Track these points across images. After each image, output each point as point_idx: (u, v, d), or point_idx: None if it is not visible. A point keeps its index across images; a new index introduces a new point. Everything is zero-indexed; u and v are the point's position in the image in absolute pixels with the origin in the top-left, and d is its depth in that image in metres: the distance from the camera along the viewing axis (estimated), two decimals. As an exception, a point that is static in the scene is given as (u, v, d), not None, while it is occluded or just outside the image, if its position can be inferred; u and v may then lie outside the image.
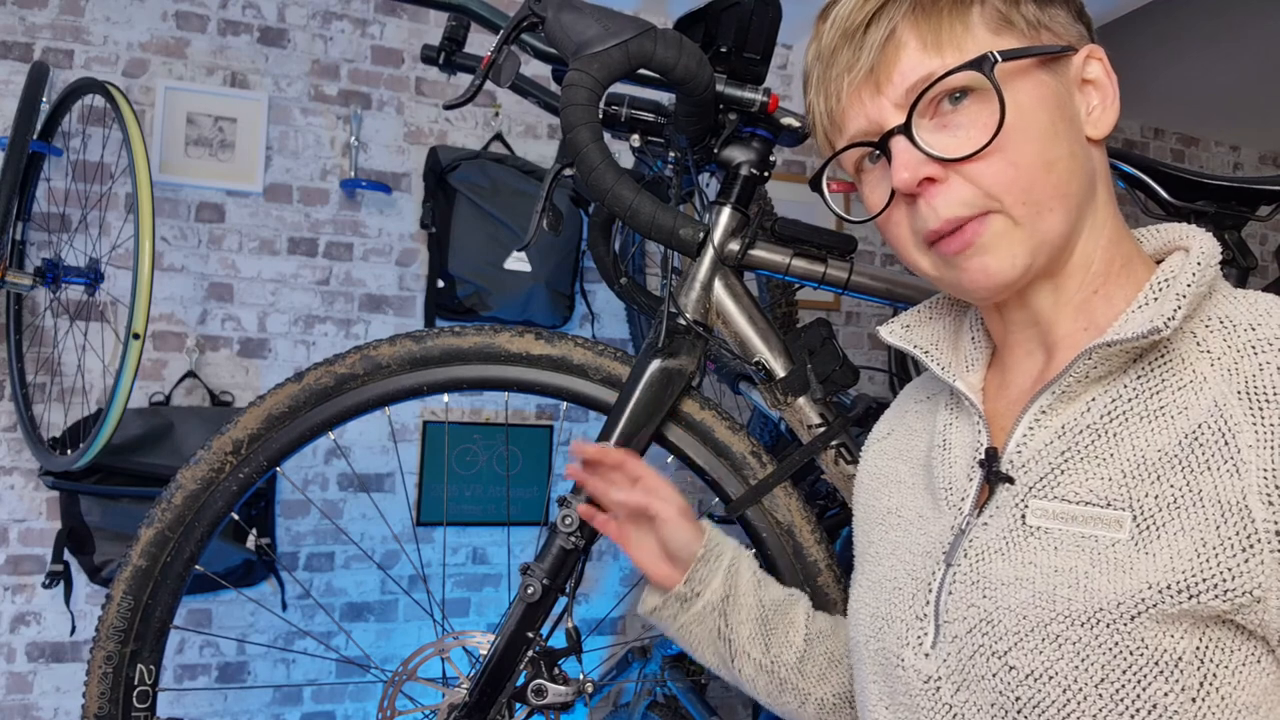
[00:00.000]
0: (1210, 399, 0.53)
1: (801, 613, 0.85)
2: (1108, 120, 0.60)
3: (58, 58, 1.98)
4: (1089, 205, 0.60)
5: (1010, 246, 0.58)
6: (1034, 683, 0.54)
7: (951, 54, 0.58)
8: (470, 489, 2.26)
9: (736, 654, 0.83)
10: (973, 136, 0.57)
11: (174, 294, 2.06)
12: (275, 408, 0.98)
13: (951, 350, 0.70)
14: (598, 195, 0.87)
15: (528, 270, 2.16)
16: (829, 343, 0.99)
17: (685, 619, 0.84)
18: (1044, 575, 0.55)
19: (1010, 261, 0.58)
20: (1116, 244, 0.61)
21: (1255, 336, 0.53)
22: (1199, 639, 0.50)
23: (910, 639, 0.62)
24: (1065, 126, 0.59)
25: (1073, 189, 0.58)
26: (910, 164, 0.58)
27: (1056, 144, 0.58)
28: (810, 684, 0.82)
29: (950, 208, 0.58)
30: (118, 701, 0.96)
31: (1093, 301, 0.61)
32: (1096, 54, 0.61)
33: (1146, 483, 0.53)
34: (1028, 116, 0.57)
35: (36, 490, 1.94)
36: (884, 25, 0.59)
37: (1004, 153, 0.57)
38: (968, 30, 0.58)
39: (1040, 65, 0.59)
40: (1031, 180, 0.57)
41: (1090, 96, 0.61)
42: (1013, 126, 0.56)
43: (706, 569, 0.83)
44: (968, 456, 0.64)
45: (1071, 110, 0.59)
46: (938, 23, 0.58)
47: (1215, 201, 1.06)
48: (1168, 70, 2.80)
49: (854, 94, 0.62)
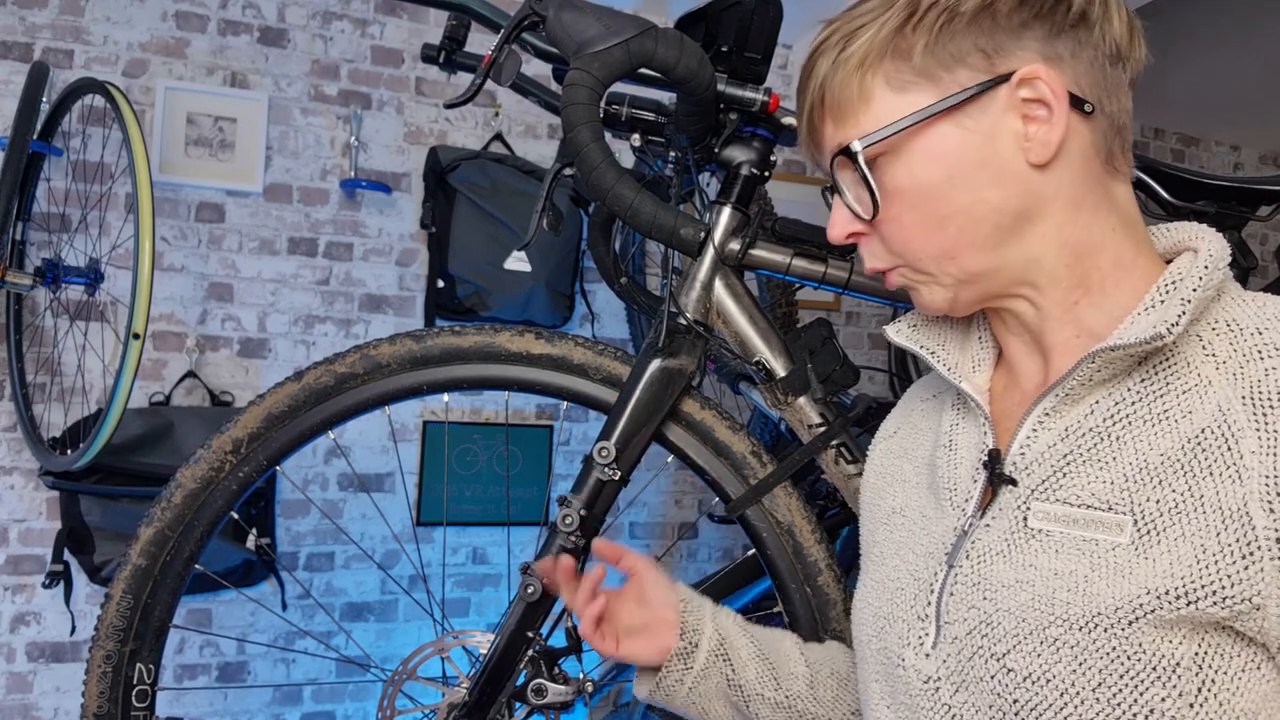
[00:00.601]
0: (1214, 403, 0.52)
1: (792, 644, 0.85)
2: (1050, 141, 0.57)
3: (58, 58, 1.98)
4: (1029, 232, 0.59)
5: (928, 290, 0.64)
6: (1032, 685, 0.54)
7: (852, 128, 0.61)
8: (470, 489, 2.26)
9: (751, 698, 0.81)
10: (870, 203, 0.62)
11: (174, 294, 2.05)
12: (275, 407, 0.98)
13: (958, 350, 0.69)
14: (598, 195, 0.87)
15: (528, 270, 2.16)
16: (829, 342, 0.99)
17: (691, 678, 0.81)
18: (1044, 578, 0.54)
19: (937, 298, 0.64)
20: (1091, 255, 0.60)
21: (1262, 341, 0.53)
22: (1198, 645, 0.50)
23: (911, 639, 0.62)
24: (971, 174, 0.58)
25: (979, 234, 0.59)
26: (838, 222, 0.65)
27: (952, 197, 0.59)
28: (826, 709, 0.81)
29: (871, 260, 0.66)
30: (117, 700, 0.96)
31: (1078, 311, 0.60)
32: (1032, 75, 0.56)
33: (1148, 487, 0.53)
34: (917, 182, 0.60)
35: (36, 490, 1.94)
36: (811, 93, 0.64)
37: (891, 221, 0.62)
38: (867, 103, 0.61)
39: (940, 118, 0.58)
40: (923, 241, 0.61)
41: (1035, 118, 0.57)
42: (896, 196, 0.61)
43: (694, 616, 0.82)
44: (972, 457, 0.64)
45: (986, 153, 0.58)
46: (839, 98, 0.62)
47: (1215, 201, 1.06)
48: (1168, 70, 2.80)
49: (806, 145, 0.68)
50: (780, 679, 0.81)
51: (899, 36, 0.59)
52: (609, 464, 0.94)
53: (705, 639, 0.82)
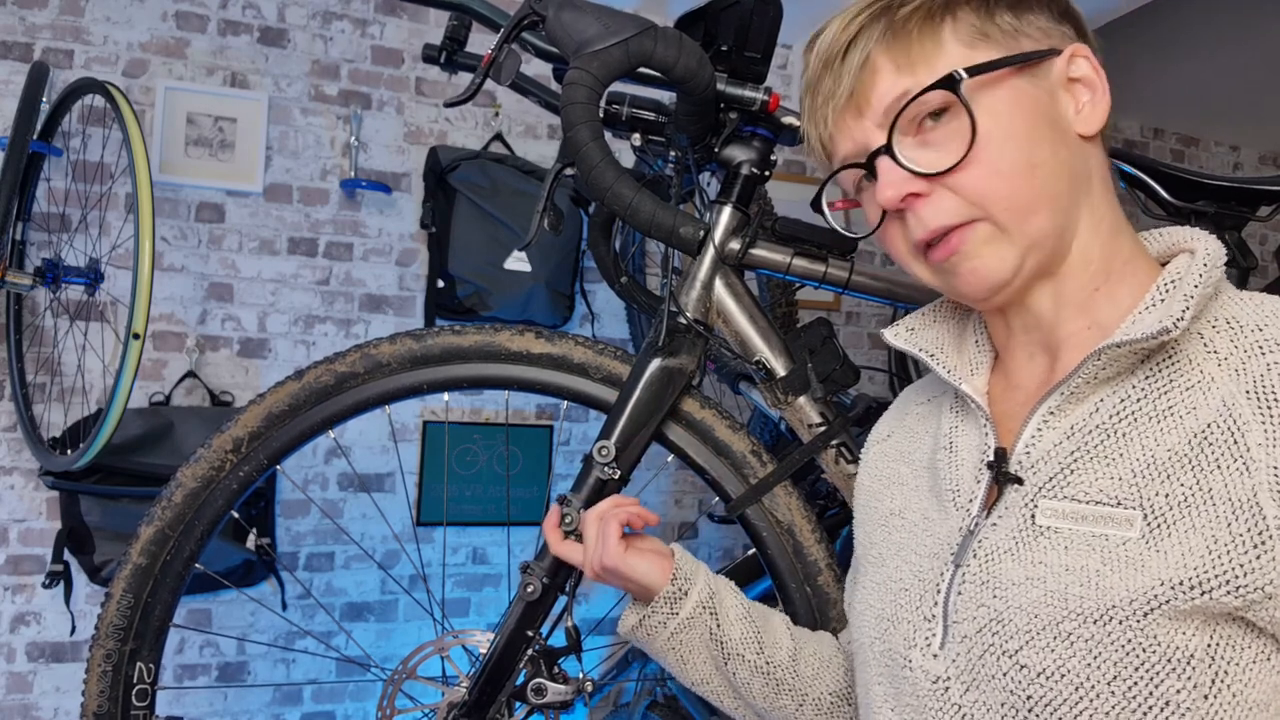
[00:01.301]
0: (1218, 399, 0.53)
1: (780, 619, 0.85)
2: (1098, 115, 0.61)
3: (58, 58, 1.98)
4: (1083, 202, 0.61)
5: (998, 250, 0.60)
6: (1046, 681, 0.54)
7: (924, 72, 0.60)
8: (470, 489, 2.26)
9: (730, 656, 0.81)
10: (951, 151, 0.59)
11: (174, 294, 2.05)
12: (275, 406, 0.98)
13: (956, 353, 0.70)
14: (598, 194, 0.87)
15: (528, 270, 2.16)
16: (829, 342, 0.99)
17: (675, 623, 0.80)
18: (1055, 574, 0.55)
19: (999, 264, 0.60)
20: (1116, 239, 0.62)
21: (1262, 337, 0.54)
22: (1210, 636, 0.51)
23: (918, 640, 0.62)
24: (1047, 129, 0.60)
25: (1059, 189, 0.60)
26: (894, 182, 0.61)
27: (1038, 147, 0.59)
28: (805, 683, 0.81)
29: (936, 218, 0.60)
30: (117, 700, 0.96)
31: (1095, 300, 0.61)
32: (1081, 52, 0.61)
33: (1157, 482, 0.53)
34: (1004, 124, 0.59)
35: (36, 490, 1.94)
36: (859, 51, 0.62)
37: (983, 163, 0.59)
38: (939, 48, 0.60)
39: (1016, 73, 0.60)
40: (1013, 186, 0.59)
41: (1079, 94, 0.61)
42: (989, 136, 0.58)
43: (689, 565, 0.82)
44: (974, 458, 0.65)
45: (1055, 112, 0.60)
46: (908, 44, 0.61)
47: (1215, 201, 1.06)
48: (1168, 70, 2.80)
49: (839, 119, 0.64)
50: (764, 645, 0.81)
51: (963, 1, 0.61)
52: (609, 463, 0.94)
53: (696, 589, 0.81)
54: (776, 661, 0.81)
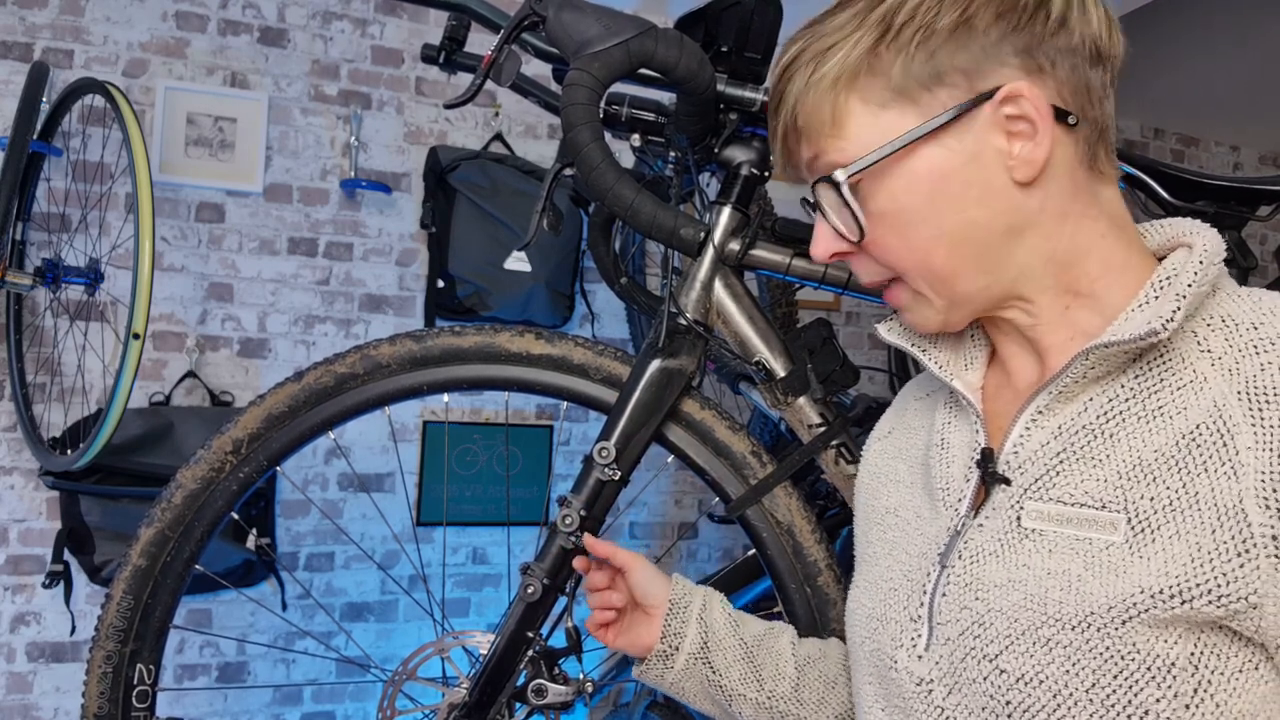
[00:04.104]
0: (1210, 399, 0.52)
1: (786, 642, 0.85)
2: (1036, 159, 0.56)
3: (58, 58, 1.98)
4: (1013, 248, 0.58)
5: (923, 309, 0.63)
6: (1024, 686, 0.53)
7: (833, 150, 0.60)
8: (470, 489, 2.26)
9: (732, 698, 0.82)
10: (855, 228, 0.61)
11: (174, 294, 2.05)
12: (275, 407, 0.98)
13: (951, 348, 0.69)
14: (598, 195, 0.87)
15: (528, 270, 2.16)
16: (829, 343, 0.99)
17: (672, 676, 0.84)
18: (1036, 578, 0.54)
19: (932, 317, 0.63)
20: (1080, 262, 0.59)
21: (1257, 336, 0.52)
22: (1194, 645, 0.49)
23: (904, 640, 0.62)
24: (958, 194, 0.57)
25: (976, 251, 0.58)
26: (821, 239, 0.64)
27: (946, 217, 0.58)
28: (809, 710, 0.81)
29: (864, 276, 0.65)
30: (117, 701, 0.96)
31: (1070, 314, 0.60)
32: (1015, 92, 0.55)
33: (1142, 484, 0.52)
34: (903, 203, 0.58)
35: (36, 490, 1.94)
36: (780, 123, 0.63)
37: (887, 241, 0.61)
38: (847, 118, 0.59)
39: (924, 140, 0.57)
40: (920, 259, 0.60)
41: (1015, 138, 0.56)
42: (885, 218, 0.60)
43: (677, 621, 0.84)
44: (965, 456, 0.64)
45: (972, 173, 0.57)
46: (817, 120, 0.60)
47: (1215, 201, 1.06)
48: (1168, 70, 2.80)
49: (781, 164, 0.67)
50: (764, 680, 0.82)
51: (873, 55, 0.57)
52: (609, 464, 0.94)
53: (687, 642, 0.83)
54: (779, 694, 0.81)
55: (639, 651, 0.85)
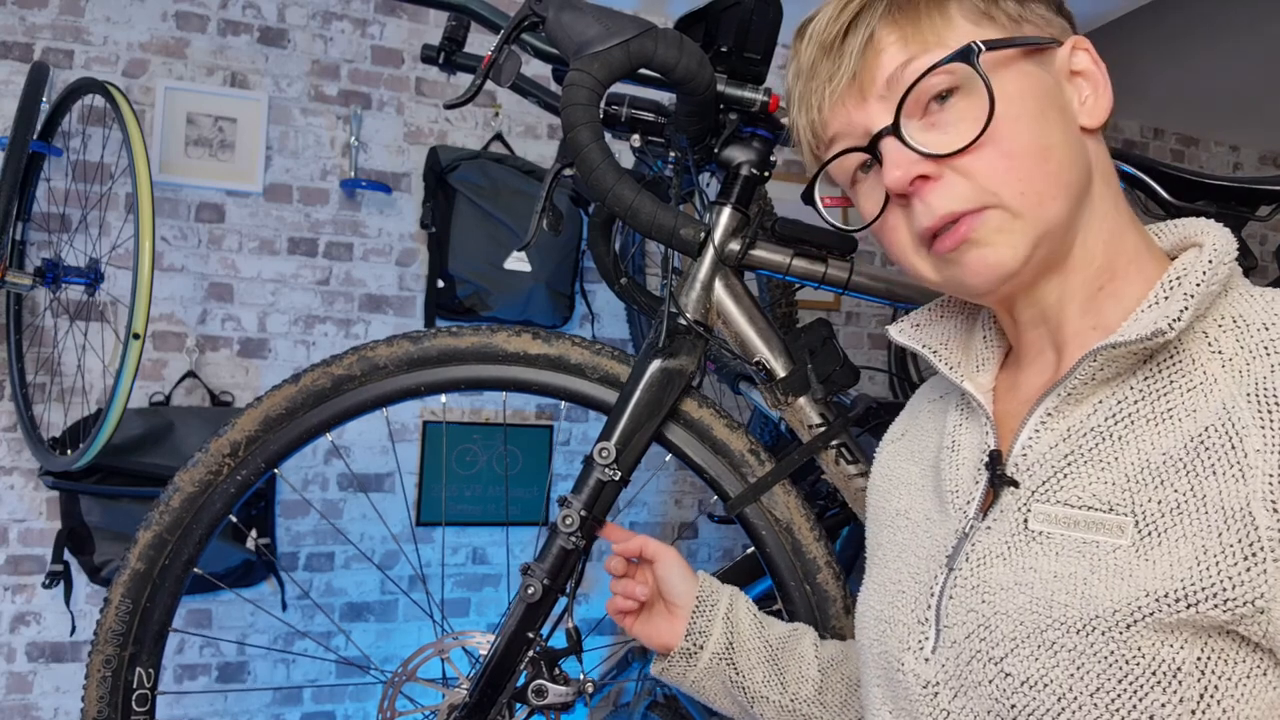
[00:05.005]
0: (1219, 401, 0.51)
1: (809, 645, 0.85)
2: (1101, 108, 0.59)
3: (58, 58, 1.98)
4: (1086, 196, 0.59)
5: (1009, 238, 0.57)
6: (1029, 690, 0.52)
7: (935, 48, 0.57)
8: (470, 489, 2.26)
9: (755, 699, 0.82)
10: (961, 133, 0.56)
11: (174, 294, 2.05)
12: (273, 410, 0.97)
13: (962, 349, 0.68)
14: (598, 195, 0.87)
15: (528, 270, 2.16)
16: (829, 343, 0.99)
17: (695, 674, 0.84)
18: (1043, 581, 0.53)
19: (1010, 253, 0.57)
20: (1120, 237, 0.59)
21: (1268, 337, 0.51)
22: (1200, 649, 0.48)
23: (911, 643, 0.61)
24: (1057, 115, 0.58)
25: (1071, 177, 0.57)
26: (902, 162, 0.57)
27: (1050, 131, 0.57)
28: (832, 714, 0.81)
29: (946, 203, 0.57)
30: (117, 705, 0.95)
31: (1100, 299, 0.59)
32: (1082, 44, 0.60)
33: (1150, 487, 0.51)
34: (1018, 106, 0.56)
35: (36, 490, 1.94)
36: (862, 31, 0.59)
37: (997, 144, 0.56)
38: (948, 24, 0.58)
39: (1025, 56, 0.58)
40: (1028, 169, 0.56)
41: (1080, 87, 0.60)
42: (1003, 116, 0.55)
43: (703, 619, 0.84)
44: (974, 458, 0.63)
45: (1062, 100, 0.58)
46: (916, 18, 0.58)
47: (1215, 201, 1.06)
48: (1168, 70, 2.80)
49: (837, 103, 0.61)
50: (787, 682, 0.82)
51: None
52: (609, 464, 0.94)
53: (711, 641, 0.83)
54: (802, 697, 0.82)
55: (656, 646, 0.85)
